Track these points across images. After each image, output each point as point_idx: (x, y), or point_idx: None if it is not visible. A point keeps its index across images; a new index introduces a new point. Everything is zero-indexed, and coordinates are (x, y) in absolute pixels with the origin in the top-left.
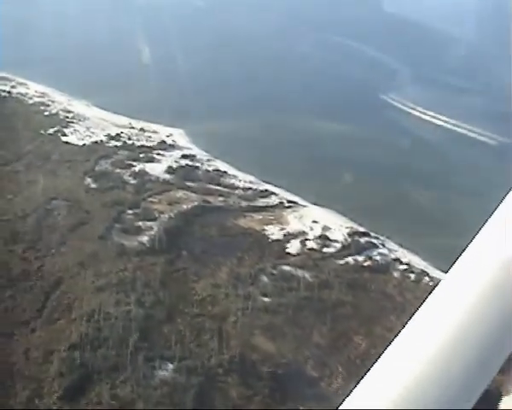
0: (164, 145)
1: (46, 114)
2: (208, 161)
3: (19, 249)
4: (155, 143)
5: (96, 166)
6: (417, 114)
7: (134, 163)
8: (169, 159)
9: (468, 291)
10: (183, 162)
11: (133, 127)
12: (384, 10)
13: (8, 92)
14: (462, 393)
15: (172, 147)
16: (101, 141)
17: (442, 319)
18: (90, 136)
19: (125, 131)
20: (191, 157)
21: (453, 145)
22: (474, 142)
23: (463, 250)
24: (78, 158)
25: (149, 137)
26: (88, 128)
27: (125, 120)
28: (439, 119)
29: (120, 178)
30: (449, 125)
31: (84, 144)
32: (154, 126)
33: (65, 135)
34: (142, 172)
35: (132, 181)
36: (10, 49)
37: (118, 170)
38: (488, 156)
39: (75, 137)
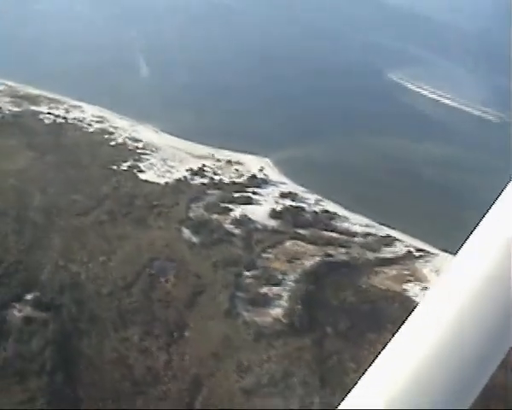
0: (256, 181)
1: (112, 143)
2: (312, 200)
3: (134, 337)
4: (246, 179)
5: (190, 212)
6: None
7: (230, 206)
8: (268, 199)
9: (470, 281)
10: (286, 203)
11: (216, 159)
12: None
13: (64, 118)
14: (465, 384)
15: (265, 182)
16: (185, 178)
17: (445, 308)
18: (169, 171)
19: (207, 163)
20: (292, 196)
21: None
22: None
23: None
24: (165, 202)
25: (236, 170)
26: (164, 161)
27: (202, 149)
28: None
29: (222, 228)
30: None
31: (166, 183)
32: (236, 156)
33: (141, 171)
34: (245, 219)
35: (237, 231)
36: (51, 65)
37: (215, 216)
38: None
39: (153, 173)
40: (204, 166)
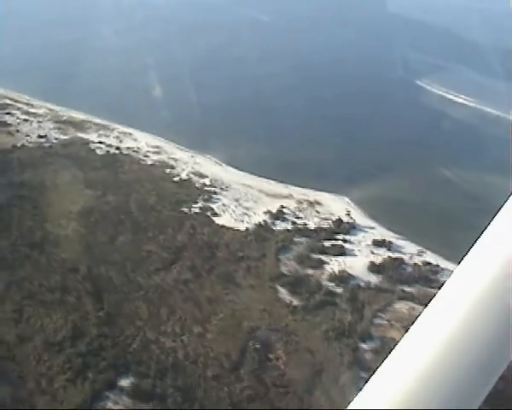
0: (343, 226)
1: (175, 179)
2: (409, 249)
3: None
4: (332, 224)
5: (281, 266)
6: None
7: (324, 258)
8: (361, 248)
9: (471, 293)
10: (383, 253)
11: (294, 199)
12: None
13: (117, 148)
14: (465, 395)
15: (353, 227)
16: (265, 222)
17: (444, 323)
18: (246, 214)
19: (285, 204)
20: (386, 244)
21: None
22: None
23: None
24: (250, 253)
25: (317, 212)
26: (237, 201)
27: (274, 187)
28: None
29: (321, 286)
30: None
31: (246, 229)
32: (312, 194)
33: (216, 214)
34: (344, 275)
35: (339, 290)
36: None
37: (310, 271)
38: None
39: (229, 216)
40: (282, 207)
